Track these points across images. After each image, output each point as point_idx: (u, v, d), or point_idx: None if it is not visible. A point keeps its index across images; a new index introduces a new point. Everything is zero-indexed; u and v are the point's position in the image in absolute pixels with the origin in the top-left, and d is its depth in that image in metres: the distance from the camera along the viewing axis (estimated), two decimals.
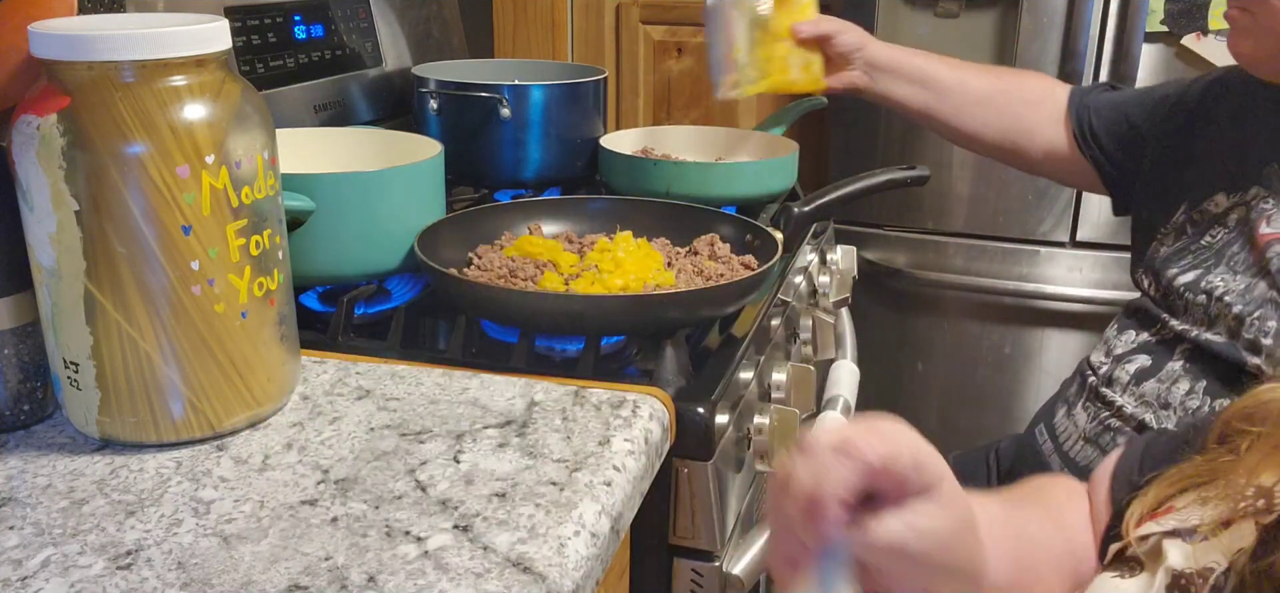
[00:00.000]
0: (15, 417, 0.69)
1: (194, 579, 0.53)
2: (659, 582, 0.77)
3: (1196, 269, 1.02)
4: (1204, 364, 0.97)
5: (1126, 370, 1.04)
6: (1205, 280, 1.00)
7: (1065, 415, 1.10)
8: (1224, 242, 1.01)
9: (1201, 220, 1.04)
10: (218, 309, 0.64)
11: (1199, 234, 1.04)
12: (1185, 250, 1.05)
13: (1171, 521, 0.49)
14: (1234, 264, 0.98)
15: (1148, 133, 1.15)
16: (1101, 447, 1.04)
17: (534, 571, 0.54)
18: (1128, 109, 1.17)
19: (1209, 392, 0.97)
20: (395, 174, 0.90)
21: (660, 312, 0.80)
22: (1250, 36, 0.94)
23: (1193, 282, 1.01)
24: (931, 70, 1.25)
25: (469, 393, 0.74)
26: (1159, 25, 1.62)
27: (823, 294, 1.19)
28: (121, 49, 0.59)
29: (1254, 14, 0.93)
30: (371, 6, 1.35)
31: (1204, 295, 0.99)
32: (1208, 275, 1.00)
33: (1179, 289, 1.02)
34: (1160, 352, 1.02)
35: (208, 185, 0.62)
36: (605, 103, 1.33)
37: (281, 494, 0.61)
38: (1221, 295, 0.97)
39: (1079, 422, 1.07)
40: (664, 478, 0.74)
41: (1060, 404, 1.12)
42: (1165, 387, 1.00)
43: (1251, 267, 0.97)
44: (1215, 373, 0.96)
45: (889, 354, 1.92)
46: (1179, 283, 1.02)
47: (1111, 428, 1.03)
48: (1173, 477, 0.53)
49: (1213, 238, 1.02)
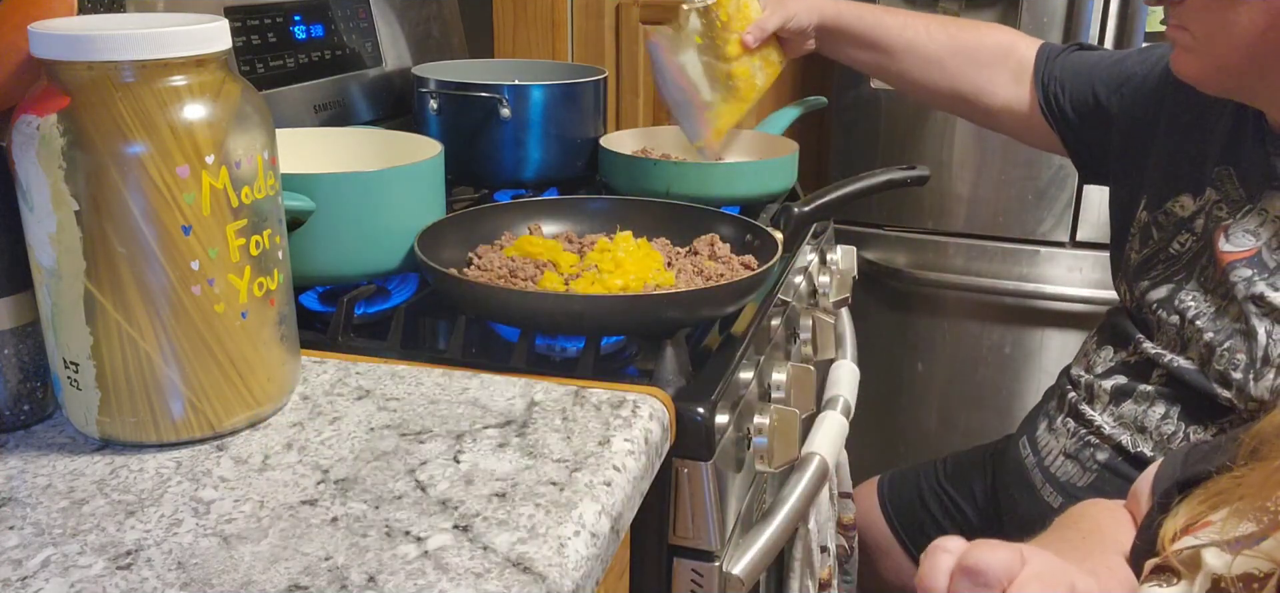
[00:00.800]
0: (15, 417, 0.69)
1: (194, 579, 0.53)
2: (659, 582, 0.77)
3: (1168, 284, 1.00)
4: (1178, 389, 0.96)
5: (1104, 388, 1.03)
6: (1177, 298, 0.98)
7: (1047, 429, 1.10)
8: (1192, 251, 0.99)
9: (1167, 223, 1.02)
10: (218, 309, 0.64)
11: (1166, 239, 1.02)
12: (1155, 259, 1.03)
13: (1208, 534, 0.50)
14: (1205, 280, 0.97)
15: (1114, 111, 1.11)
16: (1082, 463, 1.04)
17: (534, 571, 0.54)
18: (1094, 81, 1.13)
19: (1183, 417, 0.96)
20: (395, 174, 0.90)
21: (660, 312, 0.80)
22: (1192, 54, 0.91)
23: (1165, 298, 0.99)
24: (881, 31, 1.23)
25: (469, 393, 0.74)
26: (1159, 25, 1.62)
27: (823, 294, 1.19)
28: (121, 49, 0.59)
29: (1192, 32, 0.90)
30: (371, 6, 1.35)
31: (1177, 316, 0.97)
32: (1180, 292, 0.98)
33: (1151, 305, 1.01)
34: (1136, 372, 1.01)
35: (208, 185, 0.62)
36: (605, 103, 1.33)
37: (281, 494, 0.61)
38: (1193, 318, 0.96)
39: (1060, 437, 1.07)
40: (664, 478, 0.74)
41: (1042, 418, 1.12)
42: (1141, 409, 0.99)
43: (1218, 285, 0.95)
44: (1189, 400, 0.95)
45: (889, 354, 1.92)
46: (1151, 298, 1.01)
47: (1091, 445, 1.03)
48: (1202, 495, 0.53)
49: (1181, 245, 1.00)
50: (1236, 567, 0.47)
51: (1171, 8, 0.92)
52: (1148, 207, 1.05)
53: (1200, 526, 0.52)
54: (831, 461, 0.94)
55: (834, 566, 1.06)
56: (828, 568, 1.03)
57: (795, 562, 0.95)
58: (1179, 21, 0.91)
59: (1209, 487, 0.53)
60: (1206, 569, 0.48)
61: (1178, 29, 0.92)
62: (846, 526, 1.17)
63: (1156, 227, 1.03)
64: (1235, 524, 0.49)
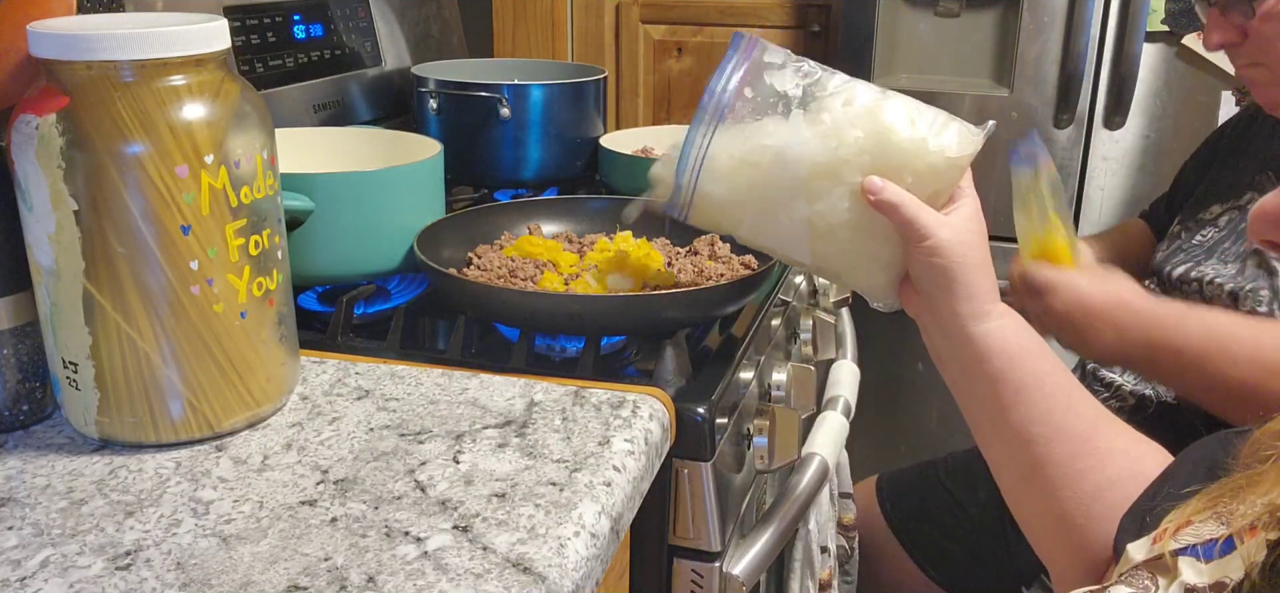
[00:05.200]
0: (14, 417, 0.68)
1: (193, 580, 0.53)
2: (659, 582, 0.77)
3: (1187, 262, 1.06)
4: None
5: None
6: (1196, 271, 1.04)
7: None
8: (1215, 240, 1.06)
9: (1194, 226, 1.09)
10: (217, 309, 0.64)
11: (1191, 236, 1.09)
12: (1178, 250, 1.09)
13: (1187, 535, 0.49)
14: (1225, 257, 1.03)
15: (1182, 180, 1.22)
16: None
17: (534, 571, 0.54)
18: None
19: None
20: (395, 174, 0.90)
21: (660, 312, 0.80)
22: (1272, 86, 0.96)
23: (1185, 273, 1.05)
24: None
25: (468, 393, 0.74)
26: (1159, 25, 1.62)
27: (823, 294, 1.19)
28: (120, 49, 0.59)
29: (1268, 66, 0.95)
30: (371, 6, 1.35)
31: (1196, 283, 1.04)
32: (1198, 267, 1.05)
33: (1174, 280, 1.06)
34: None
35: (207, 185, 0.62)
36: (605, 103, 1.33)
37: (281, 495, 0.61)
38: (1212, 280, 1.02)
39: None
40: (664, 478, 0.74)
41: None
42: None
43: (1241, 256, 1.01)
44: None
45: (889, 354, 1.92)
46: (1174, 275, 1.07)
47: (1110, 406, 1.04)
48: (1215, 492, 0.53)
49: (1204, 237, 1.07)
50: (1211, 573, 0.47)
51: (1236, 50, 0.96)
52: (1182, 220, 1.12)
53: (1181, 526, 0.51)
54: (831, 461, 0.94)
55: (834, 566, 1.06)
56: (828, 569, 1.03)
57: (795, 562, 0.95)
58: (1250, 61, 0.96)
59: (1212, 491, 0.53)
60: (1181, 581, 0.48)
61: (1251, 68, 0.97)
62: (846, 526, 1.17)
63: (1185, 231, 1.10)
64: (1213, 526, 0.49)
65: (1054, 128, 1.72)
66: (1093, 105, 1.70)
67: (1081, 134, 1.71)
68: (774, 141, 0.71)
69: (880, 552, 1.34)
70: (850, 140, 0.70)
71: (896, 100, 0.71)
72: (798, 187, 0.71)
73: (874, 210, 0.70)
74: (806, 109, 0.71)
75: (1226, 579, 0.46)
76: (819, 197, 0.71)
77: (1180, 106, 1.66)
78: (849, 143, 0.70)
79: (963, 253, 0.70)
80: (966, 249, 0.70)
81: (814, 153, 0.70)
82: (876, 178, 0.69)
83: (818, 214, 0.72)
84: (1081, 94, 1.68)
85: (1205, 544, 0.48)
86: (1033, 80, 1.70)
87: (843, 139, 0.70)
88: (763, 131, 0.72)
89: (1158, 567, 0.50)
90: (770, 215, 0.73)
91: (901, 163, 0.70)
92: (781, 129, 0.71)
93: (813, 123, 0.71)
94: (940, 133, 0.70)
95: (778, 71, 0.72)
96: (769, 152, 0.71)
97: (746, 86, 0.72)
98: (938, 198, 0.71)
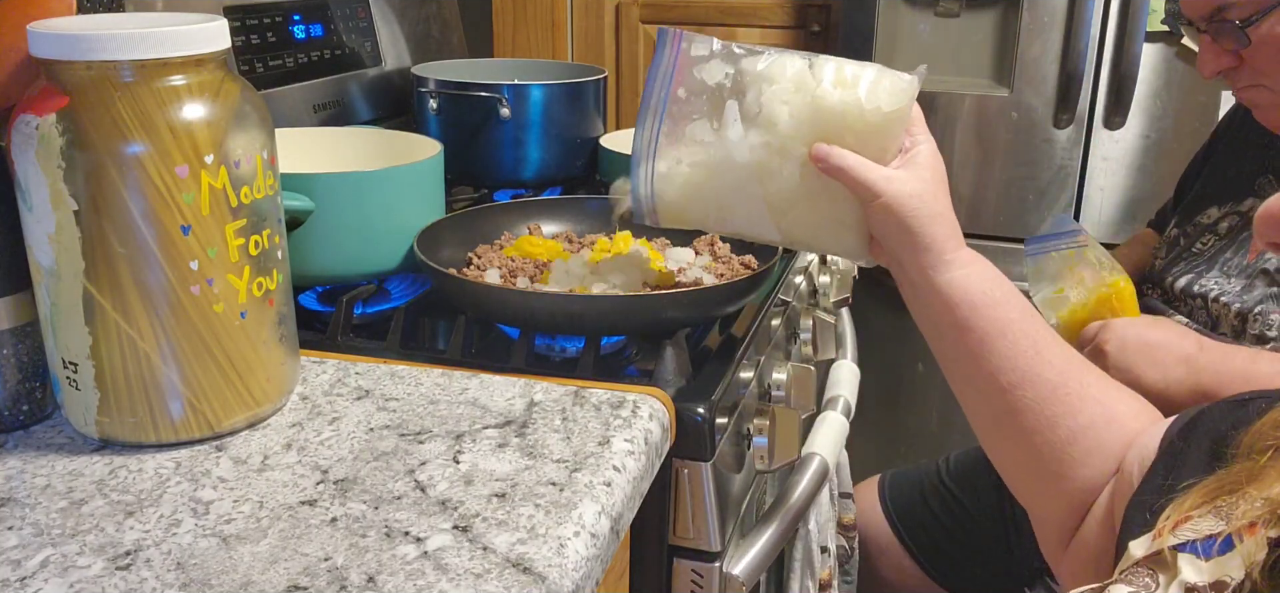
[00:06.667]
0: (14, 417, 0.68)
1: (193, 580, 0.53)
2: (659, 582, 0.77)
3: (1189, 274, 1.05)
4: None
5: None
6: (1198, 284, 1.03)
7: None
8: (1216, 249, 1.04)
9: (1193, 232, 1.08)
10: (217, 309, 0.64)
11: (1190, 244, 1.08)
12: (1178, 259, 1.09)
13: (1186, 531, 0.49)
14: (1228, 269, 1.01)
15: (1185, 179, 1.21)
16: None
17: (534, 571, 0.54)
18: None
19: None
20: (395, 174, 0.90)
21: (660, 312, 0.80)
22: (1275, 109, 0.97)
23: (1187, 285, 1.04)
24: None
25: (468, 393, 0.74)
26: (1159, 25, 1.62)
27: (823, 294, 1.19)
28: (120, 49, 0.59)
29: (1268, 85, 0.95)
30: (371, 6, 1.35)
31: (1199, 298, 1.02)
32: (1200, 279, 1.03)
33: (1178, 292, 1.05)
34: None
35: (207, 185, 0.62)
36: (605, 103, 1.33)
37: (281, 495, 0.61)
38: (1217, 297, 1.00)
39: None
40: (663, 478, 0.74)
41: None
42: None
43: (1245, 270, 0.99)
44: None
45: (889, 354, 1.92)
46: (1176, 287, 1.06)
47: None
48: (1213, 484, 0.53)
49: (1204, 245, 1.06)
50: (1211, 571, 0.47)
51: (1234, 74, 0.97)
52: (1178, 223, 1.11)
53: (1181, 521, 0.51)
54: (832, 461, 0.94)
55: (834, 566, 1.06)
56: (828, 569, 1.03)
57: (795, 562, 0.95)
58: (1252, 81, 0.96)
59: (1209, 485, 0.53)
60: (1180, 579, 0.48)
61: (1252, 89, 0.97)
62: (847, 526, 1.17)
63: (1184, 236, 1.09)
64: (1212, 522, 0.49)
65: (1054, 128, 1.72)
66: (1093, 105, 1.70)
67: (1081, 134, 1.71)
68: (713, 138, 0.73)
69: (880, 552, 1.34)
70: (784, 118, 0.72)
71: (825, 66, 0.73)
72: (746, 174, 0.74)
73: (825, 177, 0.72)
74: (741, 98, 0.73)
75: (1227, 579, 0.46)
76: (770, 176, 0.73)
77: (1180, 106, 1.66)
78: (784, 120, 0.72)
79: (915, 205, 0.70)
80: (919, 201, 0.71)
81: (753, 140, 0.73)
82: (821, 145, 0.71)
83: (772, 193, 0.74)
84: (1081, 94, 1.68)
85: (1204, 541, 0.48)
86: (1033, 80, 1.70)
87: (777, 118, 0.72)
88: (704, 130, 0.74)
89: (1158, 563, 0.50)
90: (729, 207, 0.76)
91: (840, 126, 0.71)
92: (720, 126, 0.73)
93: (747, 111, 0.73)
94: (872, 89, 0.71)
95: (705, 65, 0.74)
96: (710, 148, 0.74)
97: (679, 87, 0.74)
98: (885, 153, 0.72)
